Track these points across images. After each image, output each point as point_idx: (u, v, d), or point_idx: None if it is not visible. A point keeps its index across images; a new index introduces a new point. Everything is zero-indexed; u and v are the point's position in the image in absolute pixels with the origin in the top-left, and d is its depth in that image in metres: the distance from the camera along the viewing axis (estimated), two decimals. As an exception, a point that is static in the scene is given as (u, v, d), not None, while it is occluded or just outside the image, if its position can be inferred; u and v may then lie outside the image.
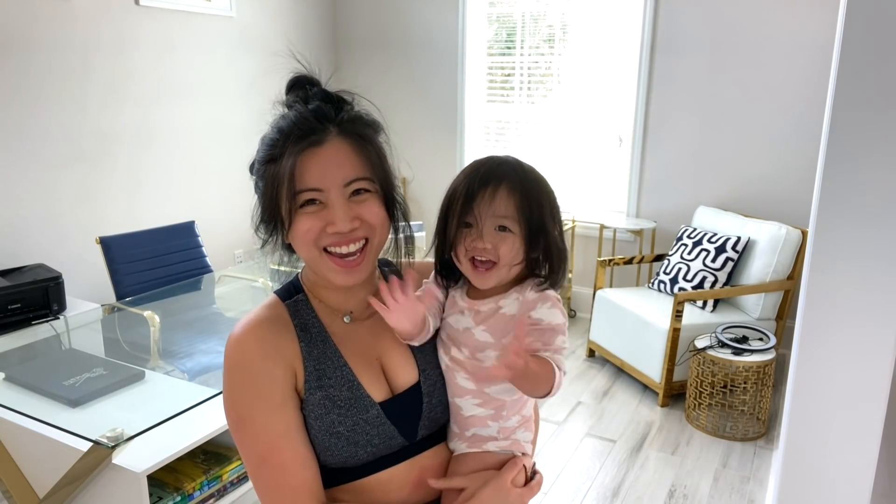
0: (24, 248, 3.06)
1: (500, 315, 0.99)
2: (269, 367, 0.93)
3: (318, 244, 0.93)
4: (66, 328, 2.58)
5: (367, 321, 1.03)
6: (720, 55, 3.58)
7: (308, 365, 0.96)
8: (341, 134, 0.92)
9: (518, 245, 0.96)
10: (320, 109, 0.93)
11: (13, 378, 1.91)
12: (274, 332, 0.96)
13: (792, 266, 3.13)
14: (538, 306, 0.97)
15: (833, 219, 1.46)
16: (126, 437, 1.60)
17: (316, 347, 0.98)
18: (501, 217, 0.95)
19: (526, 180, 0.97)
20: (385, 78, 4.59)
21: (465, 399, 1.01)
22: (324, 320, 1.00)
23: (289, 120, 0.92)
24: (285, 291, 1.03)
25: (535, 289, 0.99)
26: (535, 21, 4.12)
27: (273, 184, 0.92)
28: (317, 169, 0.90)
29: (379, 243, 0.97)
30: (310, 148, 0.90)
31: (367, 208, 0.93)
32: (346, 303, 1.03)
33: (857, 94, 1.39)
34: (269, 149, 0.93)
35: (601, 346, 3.52)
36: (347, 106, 0.96)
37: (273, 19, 4.22)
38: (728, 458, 2.71)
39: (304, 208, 0.91)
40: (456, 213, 0.97)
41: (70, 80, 3.18)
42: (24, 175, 3.06)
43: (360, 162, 0.93)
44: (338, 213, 0.91)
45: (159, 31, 3.56)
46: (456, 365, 1.01)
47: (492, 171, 0.97)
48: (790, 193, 3.51)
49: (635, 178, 3.94)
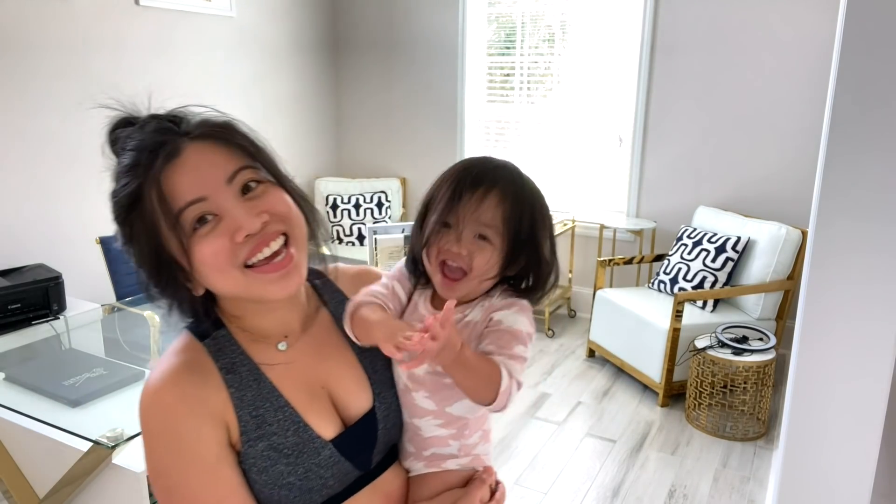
0: (24, 248, 3.06)
1: (463, 325, 0.91)
2: (195, 426, 0.79)
3: (235, 263, 0.77)
4: (66, 328, 2.58)
5: (305, 344, 0.90)
6: (720, 55, 3.58)
7: (242, 414, 0.82)
8: (196, 139, 0.78)
9: (495, 259, 0.88)
10: (160, 125, 0.79)
11: (13, 378, 1.91)
12: (195, 383, 0.81)
13: (792, 266, 3.13)
14: (503, 309, 0.90)
15: (833, 218, 1.46)
16: (126, 437, 1.60)
17: (249, 390, 0.83)
18: (485, 225, 0.86)
19: (521, 190, 0.89)
20: (385, 78, 4.59)
21: (426, 420, 0.93)
22: (253, 355, 0.86)
23: (130, 154, 0.77)
24: (201, 328, 0.86)
25: (503, 294, 0.92)
26: (535, 21, 4.12)
27: (148, 231, 0.76)
28: (188, 177, 0.76)
29: (301, 235, 0.84)
30: (169, 161, 0.76)
31: (268, 199, 0.80)
32: (277, 326, 0.89)
33: (857, 94, 1.39)
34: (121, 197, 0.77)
35: (601, 346, 3.52)
36: (185, 119, 0.82)
37: (273, 19, 4.22)
38: (728, 458, 2.71)
39: (197, 232, 0.76)
40: (437, 210, 0.89)
41: (70, 79, 3.18)
42: (25, 175, 3.06)
43: (232, 153, 0.79)
44: (237, 214, 0.77)
45: (159, 31, 3.56)
46: (415, 383, 0.92)
47: (485, 174, 0.88)
48: (790, 193, 3.51)
49: (635, 178, 3.94)
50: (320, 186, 4.43)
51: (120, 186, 0.78)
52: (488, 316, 0.89)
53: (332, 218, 4.31)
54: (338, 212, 4.31)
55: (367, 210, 4.36)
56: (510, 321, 0.88)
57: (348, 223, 4.32)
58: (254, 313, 0.86)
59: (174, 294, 0.82)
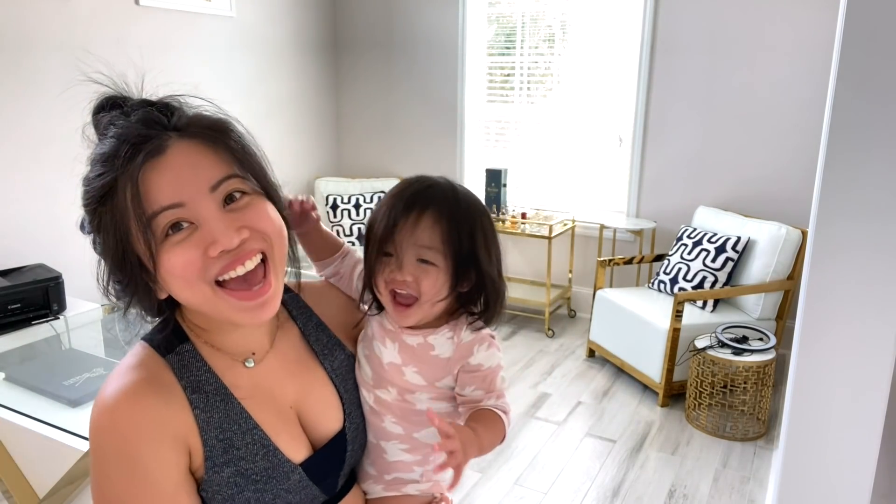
0: (24, 248, 3.06)
1: (431, 357, 0.90)
2: (153, 449, 0.72)
3: (205, 278, 0.71)
4: (66, 328, 2.58)
5: (274, 361, 0.84)
6: (720, 55, 3.58)
7: (208, 437, 0.75)
8: (185, 136, 0.72)
9: (442, 280, 0.86)
10: (148, 115, 0.73)
11: (13, 378, 1.91)
12: (156, 402, 0.73)
13: (792, 266, 3.13)
14: (475, 350, 0.89)
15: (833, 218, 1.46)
16: (126, 437, 1.59)
17: (216, 412, 0.77)
18: (424, 248, 0.84)
19: (456, 207, 0.86)
20: (385, 78, 4.59)
21: (392, 443, 0.92)
22: (220, 372, 0.79)
23: (111, 142, 0.71)
24: (163, 340, 0.79)
25: (470, 328, 0.90)
26: (535, 21, 4.12)
27: (115, 226, 0.70)
28: (167, 180, 0.69)
29: (280, 256, 0.77)
30: (150, 159, 0.69)
31: (251, 213, 0.73)
32: (245, 342, 0.82)
33: (857, 93, 1.39)
34: (94, 185, 0.70)
35: (601, 346, 3.52)
36: (178, 110, 0.76)
37: (273, 19, 4.22)
38: (728, 458, 2.71)
39: (169, 238, 0.70)
40: (376, 241, 0.87)
41: (69, 79, 3.18)
42: (25, 175, 3.06)
43: (220, 159, 0.73)
44: (215, 226, 0.70)
45: (159, 31, 3.56)
46: (382, 407, 0.91)
47: (417, 196, 0.86)
48: (790, 193, 3.51)
49: (635, 178, 3.94)
50: (320, 186, 4.43)
51: (94, 175, 0.71)
52: (462, 359, 0.89)
53: (332, 218, 4.31)
54: (338, 212, 4.32)
55: (367, 210, 4.36)
56: (488, 361, 0.89)
57: (348, 223, 4.32)
58: (220, 327, 0.80)
59: (134, 293, 0.75)
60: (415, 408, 0.90)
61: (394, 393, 0.90)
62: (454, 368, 0.89)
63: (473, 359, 0.89)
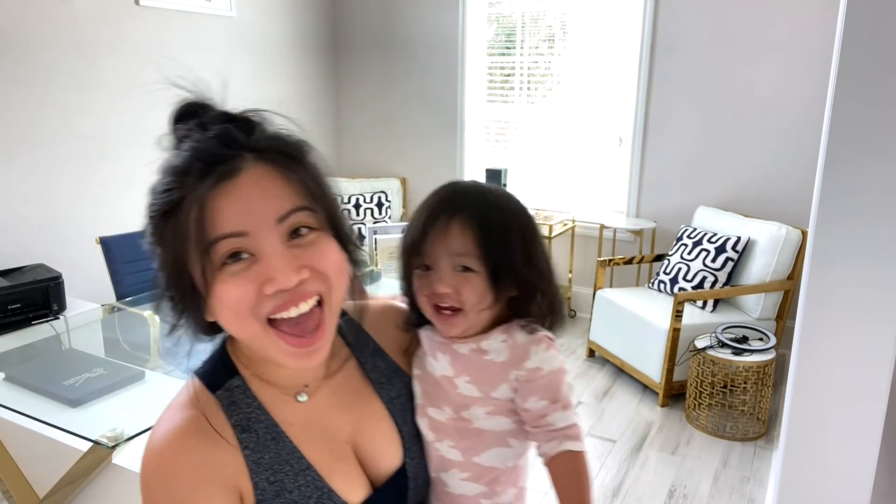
0: (24, 248, 3.06)
1: (485, 362, 0.84)
2: (203, 496, 0.69)
3: (257, 315, 0.67)
4: (66, 328, 2.58)
5: (328, 393, 0.79)
6: (720, 55, 3.58)
7: (259, 480, 0.71)
8: (260, 159, 0.69)
9: (483, 286, 0.81)
10: (226, 132, 0.69)
11: (13, 378, 1.91)
12: (206, 446, 0.70)
13: (792, 266, 3.13)
14: (532, 353, 0.82)
15: (833, 218, 1.46)
16: (126, 437, 1.60)
17: (266, 452, 0.73)
18: (459, 255, 0.80)
19: (486, 207, 0.81)
20: (385, 78, 4.59)
21: (452, 473, 0.85)
22: (271, 408, 0.75)
23: (184, 155, 0.68)
24: (212, 374, 0.76)
25: (524, 329, 0.84)
26: (535, 21, 4.12)
27: (175, 243, 0.67)
28: (235, 206, 0.65)
29: (338, 301, 0.72)
30: (221, 182, 0.65)
31: (316, 251, 0.69)
32: (297, 375, 0.78)
33: (857, 94, 1.39)
34: (162, 198, 0.67)
35: (601, 346, 3.52)
36: (259, 127, 0.73)
37: (273, 19, 4.22)
38: (728, 458, 2.71)
39: (226, 267, 0.66)
40: (410, 255, 0.84)
41: (70, 79, 3.18)
42: (25, 175, 3.06)
43: (293, 189, 0.69)
44: (276, 263, 0.66)
45: (159, 31, 3.56)
46: (438, 432, 0.84)
47: (443, 202, 0.82)
48: (790, 193, 3.51)
49: (635, 178, 3.93)
50: (320, 186, 4.43)
51: (162, 188, 0.68)
52: (518, 362, 0.82)
53: (332, 218, 4.31)
54: (338, 212, 4.32)
55: (367, 210, 4.36)
56: (548, 364, 0.82)
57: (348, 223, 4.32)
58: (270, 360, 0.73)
59: (185, 311, 0.71)
60: (472, 426, 0.83)
61: (448, 411, 0.84)
62: (510, 374, 0.83)
63: (530, 362, 0.82)
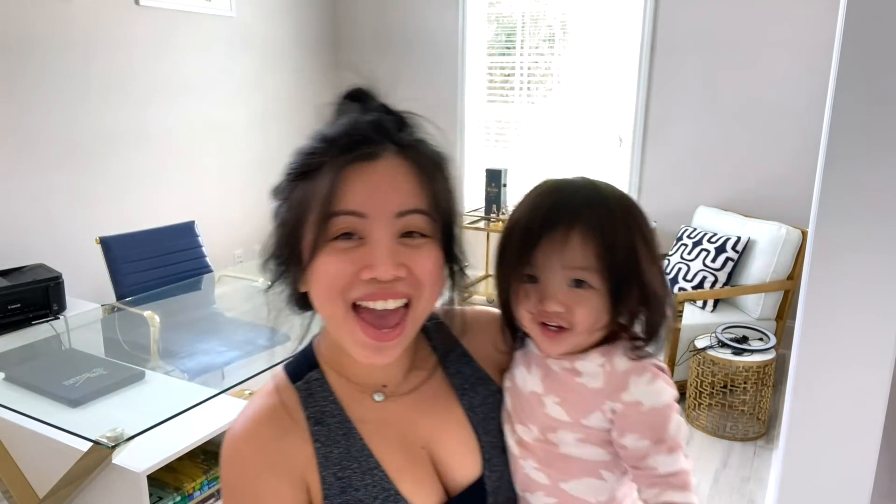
0: (24, 248, 3.06)
1: (577, 385, 0.74)
2: (272, 484, 0.70)
3: (345, 297, 0.68)
4: (66, 328, 2.58)
5: (405, 394, 0.77)
6: (720, 55, 3.58)
7: (326, 474, 0.71)
8: (401, 154, 0.70)
9: (601, 305, 0.71)
10: (380, 120, 0.72)
11: (13, 378, 1.91)
12: (278, 434, 0.72)
13: (792, 266, 3.13)
14: (632, 383, 0.71)
15: (833, 218, 1.46)
16: (126, 437, 1.60)
17: (336, 447, 0.73)
18: (577, 269, 0.70)
19: (608, 214, 0.71)
20: (385, 78, 4.57)
21: (537, 496, 0.76)
22: (346, 404, 0.75)
23: (338, 127, 0.71)
24: (296, 366, 0.77)
25: (627, 354, 0.73)
26: (535, 21, 4.12)
27: (300, 205, 0.69)
28: (363, 188, 0.67)
29: (424, 310, 0.71)
30: (359, 161, 0.68)
31: (419, 257, 0.69)
32: (374, 373, 0.76)
33: (857, 94, 1.39)
34: (303, 160, 0.70)
35: (601, 346, 3.52)
36: (410, 126, 0.75)
37: (273, 19, 4.22)
38: (728, 458, 2.70)
39: (335, 242, 0.67)
40: (515, 263, 0.73)
41: (70, 79, 3.18)
42: (25, 175, 3.06)
43: (421, 191, 0.70)
44: (380, 252, 0.66)
45: (159, 30, 3.56)
46: (523, 449, 0.77)
47: (561, 206, 0.71)
48: (790, 193, 3.51)
49: (635, 178, 3.94)
50: (320, 186, 4.44)
51: (306, 150, 0.70)
52: (614, 392, 0.72)
53: (332, 218, 4.31)
54: (338, 212, 4.32)
55: (368, 210, 4.36)
56: (651, 399, 0.71)
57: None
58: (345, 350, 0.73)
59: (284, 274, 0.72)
60: (558, 451, 0.74)
61: (535, 431, 0.75)
62: (604, 403, 0.72)
63: (628, 394, 0.71)
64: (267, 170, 4.27)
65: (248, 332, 2.56)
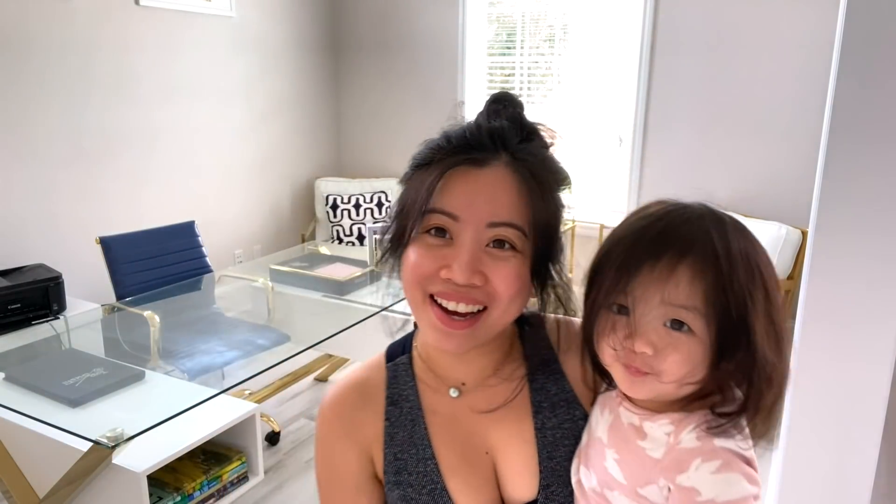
0: (24, 248, 3.07)
1: (637, 447, 0.65)
2: (342, 448, 0.77)
3: (423, 287, 0.70)
4: (66, 328, 2.58)
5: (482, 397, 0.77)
6: (720, 55, 3.58)
7: (388, 452, 0.76)
8: (511, 166, 0.70)
9: (699, 355, 0.60)
10: (500, 129, 0.71)
11: (13, 378, 1.91)
12: (358, 405, 0.78)
13: (792, 266, 3.13)
14: (693, 467, 0.59)
15: (833, 217, 1.46)
16: (126, 437, 1.60)
17: (403, 429, 0.76)
18: (679, 308, 0.59)
19: (727, 252, 0.60)
20: (385, 78, 4.59)
21: None
22: (423, 392, 0.78)
23: (460, 128, 0.74)
24: (395, 347, 0.82)
25: (701, 428, 0.61)
26: (535, 21, 4.12)
27: (411, 193, 0.72)
28: (463, 192, 0.68)
29: (499, 319, 0.70)
30: (465, 164, 0.69)
31: (500, 269, 0.68)
32: (455, 370, 0.77)
33: (857, 93, 1.39)
34: (424, 152, 0.74)
35: (601, 346, 3.52)
36: (534, 144, 0.74)
37: (273, 19, 4.22)
38: (728, 458, 2.70)
39: (426, 236, 0.70)
40: (604, 288, 0.64)
41: (70, 79, 3.18)
42: (25, 175, 3.06)
43: (520, 206, 0.69)
44: (462, 256, 0.67)
45: (159, 30, 3.56)
46: (580, 493, 0.70)
47: (673, 232, 0.62)
48: (790, 193, 3.51)
49: (635, 178, 3.94)
50: (320, 186, 4.43)
51: (433, 144, 0.73)
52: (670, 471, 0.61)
53: (332, 218, 4.31)
54: (338, 212, 4.32)
55: (367, 210, 4.36)
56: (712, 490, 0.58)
57: (348, 223, 4.32)
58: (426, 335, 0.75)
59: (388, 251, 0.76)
60: None
61: (593, 479, 0.67)
62: (658, 478, 0.62)
63: (685, 477, 0.59)
64: (267, 170, 4.27)
65: (248, 332, 2.56)
